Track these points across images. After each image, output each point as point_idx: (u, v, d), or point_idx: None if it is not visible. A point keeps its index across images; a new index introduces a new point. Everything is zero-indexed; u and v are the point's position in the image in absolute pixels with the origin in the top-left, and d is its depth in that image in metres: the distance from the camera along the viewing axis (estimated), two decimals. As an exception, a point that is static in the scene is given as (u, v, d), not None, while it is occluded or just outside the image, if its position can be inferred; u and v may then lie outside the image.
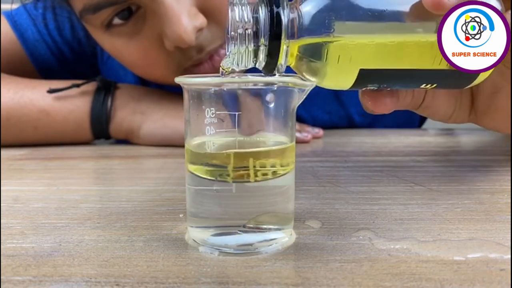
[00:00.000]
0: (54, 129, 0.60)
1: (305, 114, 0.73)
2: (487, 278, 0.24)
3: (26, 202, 0.37)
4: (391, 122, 0.76)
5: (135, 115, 0.59)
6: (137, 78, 0.70)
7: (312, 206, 0.35)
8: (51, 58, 0.72)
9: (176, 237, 0.30)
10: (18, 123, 0.59)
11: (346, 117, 0.75)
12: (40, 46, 0.71)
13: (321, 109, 0.74)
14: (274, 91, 0.26)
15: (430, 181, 0.42)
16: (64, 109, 0.59)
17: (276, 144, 0.28)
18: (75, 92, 0.60)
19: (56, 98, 0.59)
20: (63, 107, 0.59)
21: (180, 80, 0.27)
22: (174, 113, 0.59)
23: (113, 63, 0.71)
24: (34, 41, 0.70)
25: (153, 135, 0.59)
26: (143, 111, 0.59)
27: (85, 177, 0.46)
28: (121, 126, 0.60)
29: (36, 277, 0.25)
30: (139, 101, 0.60)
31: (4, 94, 0.60)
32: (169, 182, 0.44)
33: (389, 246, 0.28)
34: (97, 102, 0.59)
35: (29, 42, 0.70)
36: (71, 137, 0.61)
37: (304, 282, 0.24)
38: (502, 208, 0.35)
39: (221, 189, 0.27)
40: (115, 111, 0.59)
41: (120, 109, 0.59)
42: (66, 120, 0.59)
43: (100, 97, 0.59)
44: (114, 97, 0.60)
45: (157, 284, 0.24)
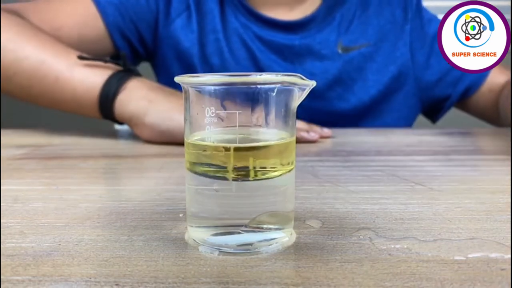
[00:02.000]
0: (71, 88, 0.63)
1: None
2: (487, 278, 0.24)
3: (25, 202, 0.37)
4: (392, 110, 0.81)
5: (143, 101, 0.61)
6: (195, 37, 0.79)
7: (312, 206, 0.35)
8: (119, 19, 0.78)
9: (176, 236, 0.30)
10: (43, 68, 0.63)
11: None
12: (109, 8, 0.77)
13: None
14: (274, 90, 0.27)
15: (431, 181, 0.42)
16: (84, 72, 0.63)
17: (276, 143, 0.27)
18: (100, 66, 0.63)
19: (83, 64, 0.63)
20: (85, 71, 0.63)
21: (180, 79, 0.27)
22: (181, 108, 0.59)
23: (177, 24, 0.79)
24: (105, 3, 0.77)
25: (157, 125, 0.60)
26: (151, 99, 0.61)
27: (84, 177, 0.46)
28: (126, 107, 0.61)
29: (35, 277, 0.24)
30: (150, 90, 0.62)
31: (41, 44, 0.64)
32: (169, 181, 0.44)
33: (390, 245, 0.28)
34: (113, 78, 0.62)
35: (101, 4, 0.77)
36: (81, 104, 0.63)
37: (304, 282, 0.24)
38: (502, 207, 0.35)
39: (221, 189, 0.27)
40: (125, 90, 0.61)
41: (130, 90, 0.61)
42: (82, 83, 0.62)
43: (117, 76, 0.62)
44: (129, 80, 0.62)
45: (157, 284, 0.24)
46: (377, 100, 0.80)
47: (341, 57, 0.79)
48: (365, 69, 0.80)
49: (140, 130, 0.61)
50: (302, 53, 0.79)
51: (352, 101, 0.80)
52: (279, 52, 0.79)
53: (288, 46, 0.79)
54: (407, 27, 0.80)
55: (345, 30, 0.80)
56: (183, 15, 0.80)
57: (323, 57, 0.79)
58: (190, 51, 0.80)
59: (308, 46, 0.79)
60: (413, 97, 0.83)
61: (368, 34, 0.80)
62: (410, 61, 0.81)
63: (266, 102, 0.27)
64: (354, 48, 0.79)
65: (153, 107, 0.60)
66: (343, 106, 0.80)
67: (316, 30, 0.79)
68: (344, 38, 0.80)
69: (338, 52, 0.79)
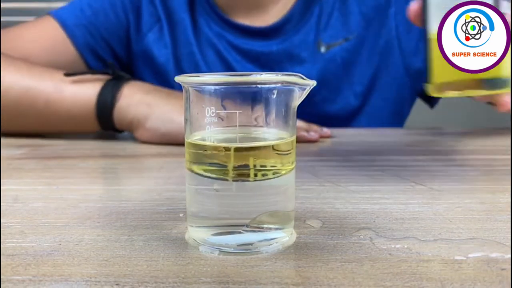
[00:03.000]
0: (64, 108, 0.61)
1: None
2: (488, 278, 0.24)
3: (25, 202, 0.37)
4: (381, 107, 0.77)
5: (141, 106, 0.60)
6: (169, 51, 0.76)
7: (312, 206, 0.35)
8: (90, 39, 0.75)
9: (176, 236, 0.30)
10: (32, 94, 0.61)
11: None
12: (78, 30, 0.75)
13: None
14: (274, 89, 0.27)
15: (431, 181, 0.42)
16: (75, 89, 0.61)
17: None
18: (89, 79, 0.62)
19: (71, 81, 0.62)
20: (75, 88, 0.61)
21: (180, 79, 0.27)
22: (180, 110, 0.59)
23: (149, 39, 0.76)
24: (73, 26, 0.74)
25: (158, 129, 0.59)
26: (149, 103, 0.60)
27: (84, 177, 0.46)
28: (126, 114, 0.60)
29: (35, 277, 0.24)
30: (146, 93, 0.61)
31: (21, 72, 0.63)
32: (169, 181, 0.43)
33: (390, 245, 0.28)
34: (106, 87, 0.61)
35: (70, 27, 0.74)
36: (78, 120, 0.62)
37: (305, 282, 0.24)
38: (503, 207, 0.35)
39: (221, 188, 0.27)
40: (122, 98, 0.60)
41: (127, 97, 0.61)
42: (75, 100, 0.61)
43: (110, 84, 0.61)
44: (123, 86, 0.61)
45: (157, 283, 0.24)
46: (365, 96, 0.76)
47: (323, 56, 0.74)
48: (350, 65, 0.75)
49: (140, 134, 0.61)
50: (281, 59, 0.75)
51: (340, 102, 0.76)
52: (256, 61, 0.75)
53: (265, 53, 0.75)
54: (391, 11, 0.74)
55: (324, 26, 0.75)
56: (155, 28, 0.77)
57: (303, 61, 0.75)
58: (165, 68, 0.76)
59: (286, 50, 0.75)
60: (405, 87, 0.78)
61: (350, 25, 0.74)
62: (397, 48, 0.75)
63: (266, 102, 0.27)
64: (335, 44, 0.75)
65: (152, 111, 0.59)
66: (332, 108, 0.76)
67: (294, 32, 0.75)
68: (324, 35, 0.75)
69: (319, 52, 0.75)
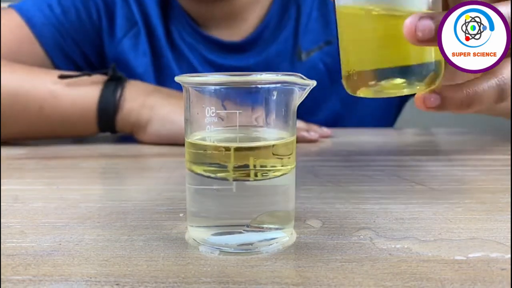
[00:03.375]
0: (60, 113, 0.59)
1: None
2: (488, 278, 0.24)
3: (25, 202, 0.37)
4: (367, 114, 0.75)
5: (144, 109, 0.59)
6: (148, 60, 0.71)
7: (312, 206, 0.35)
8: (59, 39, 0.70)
9: (176, 236, 0.30)
10: (24, 99, 0.58)
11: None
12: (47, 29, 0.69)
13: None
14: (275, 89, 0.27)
15: (431, 181, 0.42)
16: (72, 94, 0.59)
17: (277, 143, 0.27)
18: (85, 81, 0.59)
19: (66, 84, 0.59)
20: (71, 92, 0.59)
21: (180, 79, 0.27)
22: (181, 110, 0.59)
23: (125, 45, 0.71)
24: (41, 25, 0.68)
25: (159, 131, 0.59)
26: (152, 105, 0.59)
27: (85, 177, 0.46)
28: (128, 118, 0.59)
29: (36, 277, 0.24)
30: (148, 95, 0.60)
31: (14, 75, 0.59)
32: (169, 181, 0.44)
33: (390, 245, 0.28)
34: (107, 91, 0.59)
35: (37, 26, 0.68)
36: (75, 125, 0.60)
37: (305, 282, 0.24)
38: (503, 207, 0.35)
39: (222, 188, 0.27)
40: (124, 102, 0.59)
41: (130, 101, 0.59)
42: (73, 105, 0.59)
43: (110, 87, 0.59)
44: (124, 89, 0.59)
45: (157, 283, 0.24)
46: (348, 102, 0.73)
47: (303, 65, 0.71)
48: (332, 70, 0.71)
49: (141, 136, 0.60)
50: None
51: (325, 109, 0.73)
52: None
53: (242, 68, 0.71)
54: None
55: (304, 29, 0.71)
56: (130, 33, 0.71)
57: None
58: (144, 79, 0.69)
59: (264, 62, 0.71)
60: None
61: (332, 27, 0.70)
62: None
63: (266, 102, 0.27)
64: (315, 49, 0.71)
65: (154, 114, 0.59)
66: (317, 117, 0.72)
67: (272, 40, 0.71)
68: (303, 40, 0.71)
69: (299, 61, 0.71)
